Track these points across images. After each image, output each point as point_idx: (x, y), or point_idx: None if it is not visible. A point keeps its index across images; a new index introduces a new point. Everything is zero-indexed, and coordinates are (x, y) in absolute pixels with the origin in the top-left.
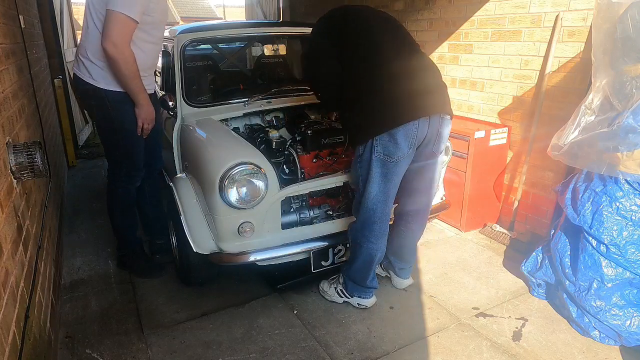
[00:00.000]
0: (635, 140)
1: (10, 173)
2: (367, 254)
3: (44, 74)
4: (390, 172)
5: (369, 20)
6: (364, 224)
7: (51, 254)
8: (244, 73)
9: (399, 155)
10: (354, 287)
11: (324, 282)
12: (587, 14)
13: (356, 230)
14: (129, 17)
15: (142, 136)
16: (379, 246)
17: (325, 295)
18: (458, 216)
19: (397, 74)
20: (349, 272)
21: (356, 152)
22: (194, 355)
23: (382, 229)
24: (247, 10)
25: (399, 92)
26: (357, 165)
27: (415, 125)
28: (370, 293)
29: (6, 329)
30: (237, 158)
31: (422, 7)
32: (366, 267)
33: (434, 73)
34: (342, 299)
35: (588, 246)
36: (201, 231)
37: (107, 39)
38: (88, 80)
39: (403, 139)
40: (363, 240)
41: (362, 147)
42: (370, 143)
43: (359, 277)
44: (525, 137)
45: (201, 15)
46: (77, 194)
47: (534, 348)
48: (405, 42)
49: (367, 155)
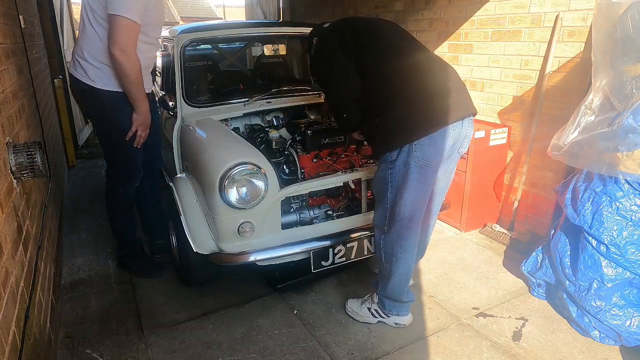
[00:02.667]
0: (635, 140)
1: (10, 173)
2: (405, 266)
3: (44, 74)
4: (427, 177)
5: (381, 27)
6: (400, 235)
7: (51, 254)
8: (244, 73)
9: (438, 160)
10: (392, 305)
11: (353, 303)
12: (587, 14)
13: (392, 243)
14: (133, 20)
15: (138, 142)
16: (414, 255)
17: (356, 317)
18: (458, 216)
19: (429, 78)
20: (386, 290)
21: (386, 157)
22: (194, 355)
23: (417, 237)
24: (247, 10)
25: (436, 96)
26: (388, 172)
27: (453, 128)
28: (407, 309)
29: (6, 329)
30: (237, 158)
31: (422, 7)
32: (404, 280)
33: (455, 74)
34: (376, 319)
35: (588, 246)
36: (201, 231)
37: (115, 45)
38: (85, 80)
39: (444, 143)
40: (400, 251)
41: (394, 153)
42: (407, 148)
43: (397, 292)
44: (525, 137)
45: (201, 15)
46: (77, 194)
47: (534, 348)
48: (420, 47)
49: (403, 160)
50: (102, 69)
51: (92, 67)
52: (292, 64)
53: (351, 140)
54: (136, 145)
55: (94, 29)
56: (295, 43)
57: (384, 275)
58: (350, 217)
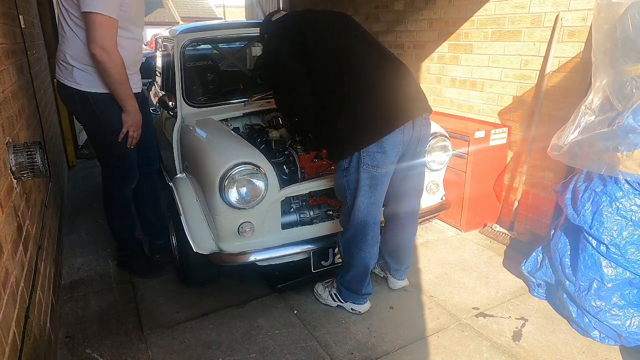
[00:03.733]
0: (635, 140)
1: (10, 173)
2: (362, 264)
3: (44, 74)
4: (379, 182)
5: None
6: (355, 235)
7: (51, 254)
8: (244, 73)
9: (387, 164)
10: (348, 295)
11: (319, 285)
12: (587, 14)
13: (348, 242)
14: (108, 16)
15: (131, 142)
16: (373, 254)
17: (320, 298)
18: (458, 216)
19: (375, 82)
20: (342, 280)
21: (339, 165)
22: (194, 355)
23: (374, 237)
24: (247, 10)
25: (382, 100)
26: (343, 178)
27: (401, 131)
28: (364, 299)
29: (6, 329)
30: (237, 158)
31: (422, 7)
32: (361, 276)
33: (406, 72)
34: (335, 302)
35: (588, 246)
36: (201, 231)
37: (94, 44)
38: (71, 84)
39: (391, 148)
40: (356, 250)
41: (347, 161)
42: (357, 156)
43: (353, 285)
44: (525, 137)
45: (201, 15)
46: (77, 194)
47: (534, 348)
48: (371, 44)
49: (354, 168)
50: (87, 71)
51: (77, 70)
52: None
53: None
54: (129, 146)
55: (72, 31)
56: None
57: (343, 266)
58: None
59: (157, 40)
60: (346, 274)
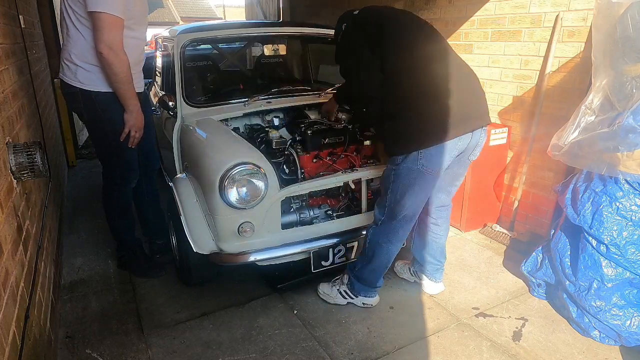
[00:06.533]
0: (635, 140)
1: (10, 173)
2: (387, 255)
3: (44, 74)
4: (429, 184)
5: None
6: (390, 229)
7: (51, 254)
8: (244, 73)
9: (441, 168)
10: (362, 288)
11: (324, 286)
12: (587, 14)
13: (380, 233)
14: (115, 15)
15: (132, 142)
16: (398, 248)
17: (327, 298)
18: (458, 216)
19: (449, 87)
20: (361, 272)
21: (393, 159)
22: (194, 355)
23: (406, 233)
24: (247, 10)
25: (452, 105)
26: (392, 173)
27: (460, 139)
28: (375, 292)
29: (6, 329)
30: (237, 158)
31: (422, 7)
32: (382, 267)
33: (476, 82)
34: (345, 300)
35: (588, 246)
36: (201, 231)
37: (102, 43)
38: (75, 83)
39: (449, 153)
40: (385, 241)
41: (401, 157)
42: (415, 154)
43: (371, 277)
44: (525, 137)
45: (201, 15)
46: (77, 194)
47: (534, 348)
48: (448, 50)
49: (408, 165)
50: (91, 70)
51: (81, 69)
52: (292, 64)
53: (351, 140)
54: (130, 146)
55: (77, 30)
56: (295, 43)
57: (364, 258)
58: (350, 217)
59: (157, 40)
60: (367, 265)
